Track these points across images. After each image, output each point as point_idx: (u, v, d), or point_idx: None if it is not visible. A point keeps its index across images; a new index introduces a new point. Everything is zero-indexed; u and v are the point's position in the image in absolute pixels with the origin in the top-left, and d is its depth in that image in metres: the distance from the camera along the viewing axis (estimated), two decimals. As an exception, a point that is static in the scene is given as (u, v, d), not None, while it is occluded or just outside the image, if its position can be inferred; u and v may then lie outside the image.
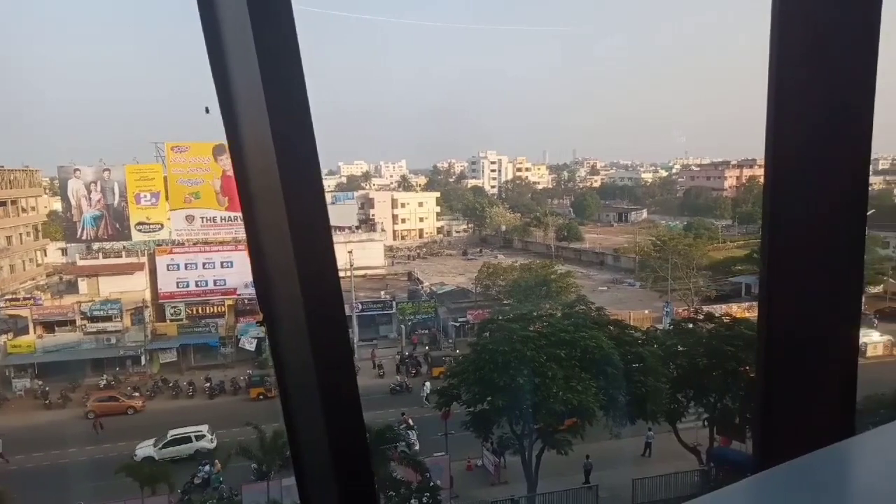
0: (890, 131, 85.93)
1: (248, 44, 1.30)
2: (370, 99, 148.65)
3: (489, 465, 25.70)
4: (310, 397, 1.40)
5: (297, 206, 1.30)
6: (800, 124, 1.55)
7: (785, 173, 1.57)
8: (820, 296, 1.57)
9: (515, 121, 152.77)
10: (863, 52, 1.54)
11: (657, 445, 25.87)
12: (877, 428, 1.28)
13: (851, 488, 1.07)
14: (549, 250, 66.49)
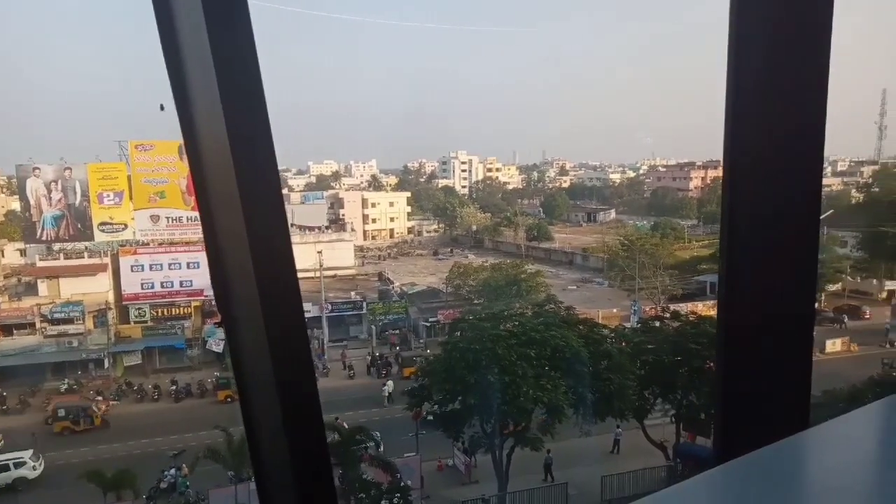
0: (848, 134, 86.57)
1: (202, 43, 1.27)
2: (341, 98, 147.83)
3: (460, 465, 25.74)
4: (269, 399, 1.38)
5: (254, 207, 1.28)
6: (756, 127, 1.58)
7: (742, 175, 1.61)
8: (776, 293, 1.61)
9: (486, 121, 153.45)
10: (816, 58, 1.58)
11: (625, 442, 26.23)
12: (829, 421, 1.31)
13: (805, 479, 1.10)
14: (519, 250, 66.90)
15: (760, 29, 1.55)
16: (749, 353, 1.62)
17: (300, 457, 1.40)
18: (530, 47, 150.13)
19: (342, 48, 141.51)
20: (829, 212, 53.54)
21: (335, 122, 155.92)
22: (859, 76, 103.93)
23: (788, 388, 1.63)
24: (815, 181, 1.57)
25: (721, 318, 1.71)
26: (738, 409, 1.68)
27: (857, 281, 47.62)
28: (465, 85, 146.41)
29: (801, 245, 1.58)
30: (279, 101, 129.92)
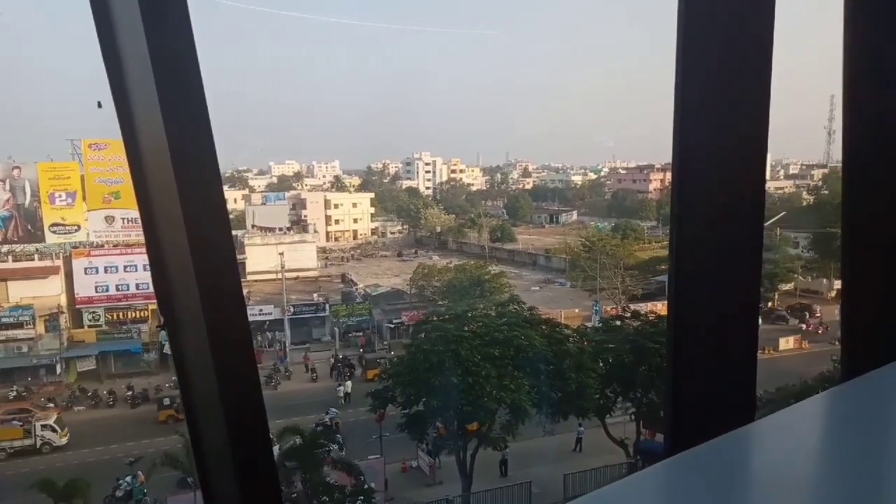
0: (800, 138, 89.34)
1: (139, 41, 1.23)
2: (303, 98, 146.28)
3: (424, 466, 25.72)
4: (212, 404, 1.34)
5: (194, 209, 1.24)
6: (702, 133, 1.62)
7: (690, 178, 1.64)
8: (722, 292, 1.64)
9: (450, 123, 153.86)
10: (759, 66, 1.63)
11: (587, 440, 26.60)
12: (772, 415, 1.35)
13: (749, 470, 1.12)
14: (483, 251, 67.19)
15: (706, 39, 1.58)
16: (698, 350, 1.65)
17: (244, 460, 1.36)
18: (493, 49, 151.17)
19: (305, 47, 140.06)
20: (782, 213, 55.30)
21: (297, 122, 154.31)
22: (811, 83, 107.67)
23: (735, 384, 1.67)
24: (758, 184, 1.60)
25: (671, 316, 1.74)
26: (687, 405, 1.70)
27: (808, 280, 49.23)
28: (429, 86, 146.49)
29: (746, 246, 1.61)
30: (241, 101, 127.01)
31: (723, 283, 1.66)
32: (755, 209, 1.64)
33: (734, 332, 1.69)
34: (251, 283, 49.60)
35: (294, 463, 21.20)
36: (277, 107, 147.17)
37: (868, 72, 2.21)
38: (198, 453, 1.44)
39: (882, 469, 1.08)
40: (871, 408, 1.38)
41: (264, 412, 1.38)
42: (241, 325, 1.34)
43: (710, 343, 1.68)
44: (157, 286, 1.41)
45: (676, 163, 1.65)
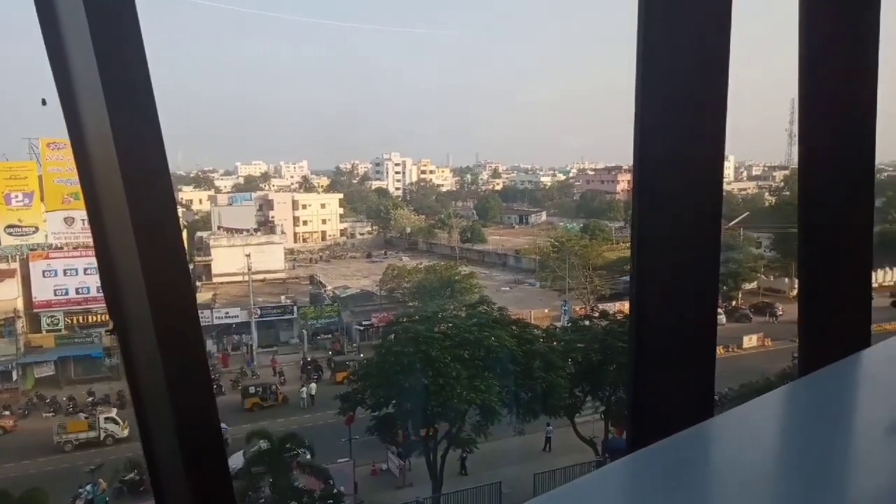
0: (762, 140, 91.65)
1: (84, 37, 1.18)
2: (271, 98, 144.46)
3: (394, 469, 25.61)
4: (162, 409, 1.29)
5: (141, 207, 1.19)
6: (661, 135, 1.63)
7: (650, 179, 1.65)
8: (682, 291, 1.65)
9: (419, 124, 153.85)
10: (716, 70, 1.65)
11: (557, 440, 26.81)
12: (730, 410, 1.37)
13: (707, 465, 1.13)
14: (453, 252, 67.28)
15: (665, 44, 1.59)
16: (658, 348, 1.66)
17: (196, 466, 1.31)
18: (462, 51, 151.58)
19: (274, 46, 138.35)
20: (745, 214, 56.65)
21: (265, 122, 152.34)
22: (774, 87, 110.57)
23: (695, 381, 1.68)
24: (716, 186, 1.62)
25: (633, 316, 1.75)
26: (649, 402, 1.71)
27: (770, 279, 50.48)
28: (399, 87, 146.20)
29: (705, 246, 1.63)
30: (207, 100, 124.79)
31: (682, 282, 1.68)
32: (713, 210, 1.66)
33: (694, 331, 1.71)
34: (217, 286, 48.80)
35: (262, 468, 20.93)
36: (245, 106, 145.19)
37: (822, 75, 2.26)
38: (149, 459, 1.39)
39: (835, 462, 1.10)
40: (827, 402, 1.40)
41: (217, 417, 1.34)
42: (192, 329, 1.30)
43: (671, 341, 1.69)
44: (106, 289, 1.35)
45: (637, 166, 1.67)
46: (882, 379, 1.58)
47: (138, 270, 1.21)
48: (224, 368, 37.20)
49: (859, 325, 2.42)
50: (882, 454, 1.13)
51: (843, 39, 2.21)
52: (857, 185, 2.36)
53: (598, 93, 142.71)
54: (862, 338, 2.43)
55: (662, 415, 1.65)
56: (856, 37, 2.24)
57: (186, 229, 56.49)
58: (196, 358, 1.29)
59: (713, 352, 1.72)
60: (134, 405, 1.41)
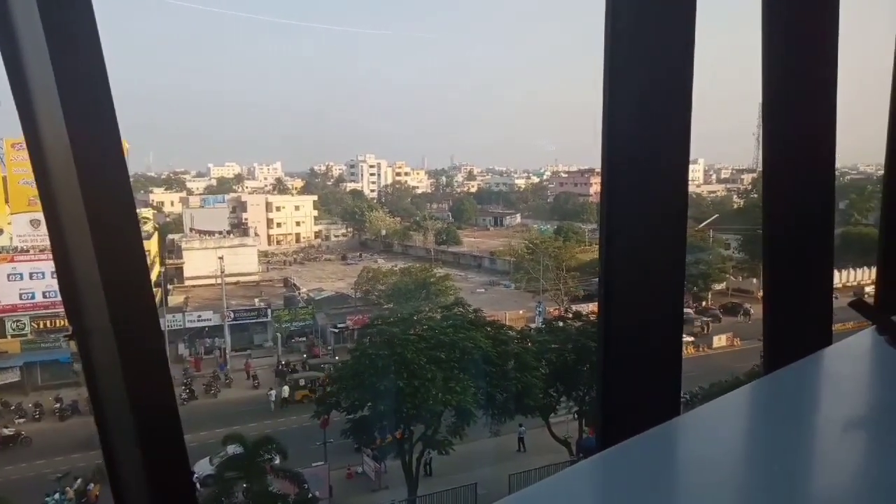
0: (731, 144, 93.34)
1: (38, 35, 1.15)
2: (244, 99, 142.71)
3: (370, 472, 25.48)
4: (123, 416, 1.26)
5: (99, 210, 1.16)
6: (629, 139, 1.66)
7: (617, 183, 1.68)
8: (649, 292, 1.68)
9: (394, 126, 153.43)
10: (681, 76, 1.68)
11: (532, 440, 26.94)
12: (696, 408, 1.39)
13: (674, 462, 1.15)
14: (428, 254, 67.23)
15: (631, 51, 1.62)
16: (626, 348, 1.68)
17: (158, 472, 1.29)
18: (438, 53, 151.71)
19: (247, 47, 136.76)
20: (714, 216, 57.60)
21: (238, 123, 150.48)
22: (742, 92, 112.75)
23: (662, 380, 1.71)
24: (681, 190, 1.65)
25: (601, 317, 1.77)
26: (617, 401, 1.73)
27: (739, 280, 51.42)
28: (374, 88, 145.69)
29: (670, 248, 1.65)
30: (179, 101, 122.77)
31: (649, 283, 1.70)
32: (679, 213, 1.69)
33: (660, 331, 1.73)
34: (189, 289, 48.06)
35: (235, 473, 20.64)
36: (218, 107, 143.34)
37: (783, 83, 2.32)
38: (110, 466, 1.36)
39: (797, 458, 1.12)
40: (789, 399, 1.43)
41: (179, 423, 1.31)
42: (152, 334, 1.27)
43: (638, 341, 1.71)
44: (64, 294, 1.32)
45: (605, 169, 1.69)
46: (842, 376, 1.62)
47: (96, 274, 1.19)
48: (196, 372, 36.64)
49: (821, 324, 2.49)
50: (841, 451, 1.16)
51: (804, 47, 2.27)
52: (818, 187, 2.43)
53: (571, 96, 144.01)
54: (824, 336, 2.50)
55: (631, 413, 1.67)
56: (816, 45, 2.31)
57: (158, 232, 55.54)
58: (157, 363, 1.27)
59: (679, 351, 1.75)
60: (94, 412, 1.38)
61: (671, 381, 1.73)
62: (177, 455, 1.34)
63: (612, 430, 1.72)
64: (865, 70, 4.82)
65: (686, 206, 1.71)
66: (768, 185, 2.43)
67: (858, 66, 9.84)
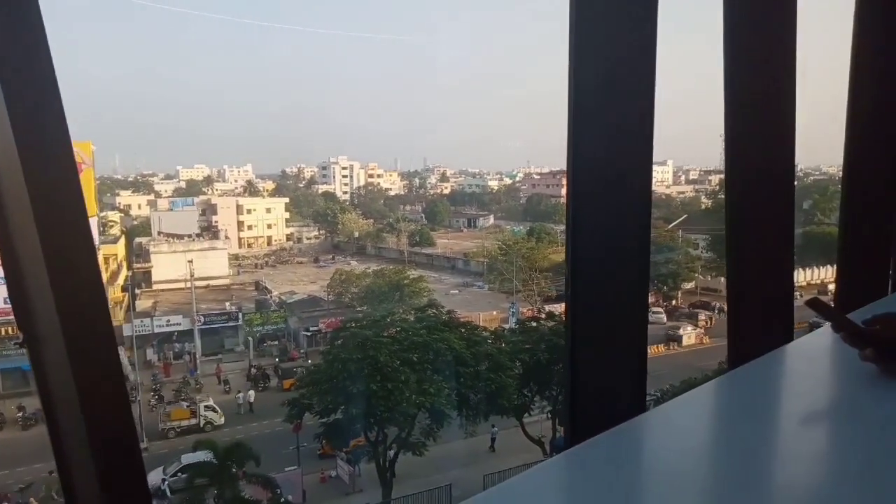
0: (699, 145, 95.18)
1: None
2: (214, 100, 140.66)
3: (344, 475, 25.32)
4: (76, 425, 1.22)
5: (47, 213, 1.12)
6: (593, 141, 1.68)
7: (583, 184, 1.69)
8: (613, 291, 1.69)
9: (367, 128, 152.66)
10: (643, 79, 1.71)
11: (507, 440, 27.04)
12: (662, 404, 1.42)
13: (640, 457, 1.16)
14: (402, 255, 67.11)
15: (595, 52, 1.64)
16: (592, 346, 1.69)
17: (111, 483, 1.25)
18: (411, 54, 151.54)
19: (216, 48, 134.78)
20: (683, 216, 58.61)
21: (207, 125, 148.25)
22: (710, 93, 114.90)
23: (628, 377, 1.73)
24: (645, 190, 1.67)
25: (568, 316, 1.78)
26: (585, 399, 1.75)
27: (707, 279, 52.40)
28: (345, 90, 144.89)
29: (635, 248, 1.68)
30: (147, 102, 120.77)
31: (615, 283, 1.72)
32: (643, 213, 1.71)
33: (627, 330, 1.75)
34: (158, 293, 47.21)
35: (205, 479, 20.34)
36: (186, 109, 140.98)
37: (744, 83, 2.38)
38: (63, 476, 1.32)
39: (758, 452, 1.15)
40: (751, 395, 1.46)
41: (134, 431, 1.28)
42: (105, 340, 1.23)
43: (605, 340, 1.73)
44: (14, 300, 1.27)
45: (570, 171, 1.70)
46: (800, 372, 1.66)
47: (45, 279, 1.15)
48: (165, 378, 36.00)
49: (783, 322, 2.55)
50: (797, 444, 1.19)
51: (763, 51, 2.33)
52: (778, 188, 2.49)
53: (543, 97, 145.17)
54: (786, 333, 2.57)
55: (598, 411, 1.69)
56: (775, 48, 2.36)
57: (125, 235, 54.47)
58: (110, 370, 1.23)
59: (645, 349, 1.78)
60: (46, 422, 1.33)
61: (637, 379, 1.76)
62: (132, 463, 1.31)
63: (580, 427, 1.74)
64: (831, 74, 4.95)
65: (650, 206, 1.73)
66: (730, 185, 2.48)
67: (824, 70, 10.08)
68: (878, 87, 3.52)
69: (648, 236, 1.81)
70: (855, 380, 1.43)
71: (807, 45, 2.65)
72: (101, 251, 39.99)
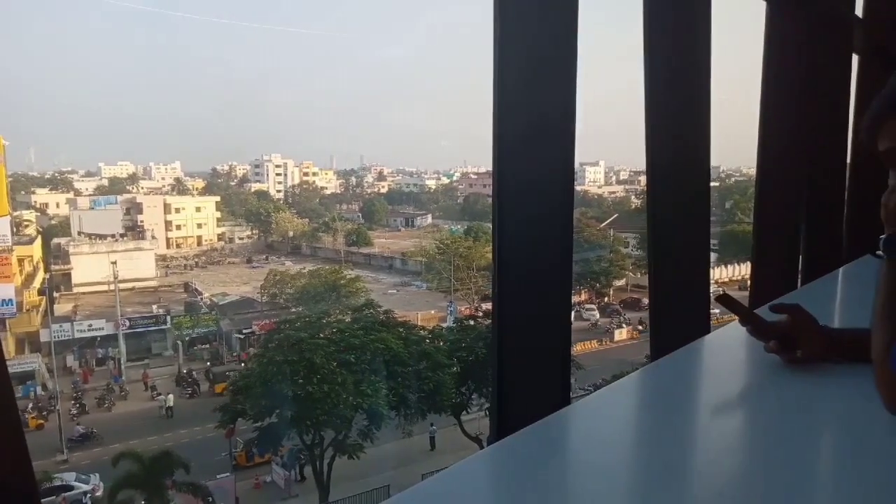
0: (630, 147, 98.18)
1: None
2: (139, 95, 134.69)
3: (279, 480, 24.81)
4: None
5: None
6: (517, 140, 1.71)
7: (507, 183, 1.72)
8: (538, 288, 1.73)
9: (301, 125, 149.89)
10: (565, 84, 1.75)
11: (444, 438, 27.17)
12: (587, 396, 1.46)
13: (564, 450, 1.19)
14: (338, 255, 66.33)
15: (518, 52, 1.67)
16: (518, 341, 1.72)
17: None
18: (345, 52, 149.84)
19: (142, 43, 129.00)
20: (615, 216, 60.50)
21: (132, 121, 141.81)
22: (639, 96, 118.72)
23: (552, 370, 1.76)
24: (566, 191, 1.72)
25: (495, 312, 1.80)
26: (511, 393, 1.78)
27: (638, 276, 54.28)
28: (278, 88, 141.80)
29: (558, 245, 1.72)
30: (65, 96, 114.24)
31: (539, 279, 1.75)
32: (565, 212, 1.75)
33: (551, 325, 1.79)
34: (78, 296, 44.89)
35: (131, 492, 19.50)
36: (108, 105, 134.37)
37: (663, 84, 2.48)
38: None
39: (674, 444, 1.19)
40: (666, 386, 1.52)
41: (23, 441, 1.20)
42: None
43: (530, 335, 1.76)
44: None
45: (496, 171, 1.73)
46: (710, 365, 1.75)
47: None
48: (85, 385, 34.27)
49: (700, 315, 2.68)
50: (710, 431, 1.25)
51: (680, 61, 2.44)
52: (694, 188, 2.62)
53: (479, 95, 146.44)
54: (703, 326, 2.70)
55: (524, 405, 1.72)
56: (691, 59, 2.49)
57: (41, 235, 51.48)
58: None
59: (568, 343, 1.82)
60: None
61: (561, 373, 1.80)
62: (21, 476, 1.23)
63: (506, 421, 1.77)
64: (754, 82, 5.26)
65: (572, 204, 1.78)
66: (651, 186, 2.59)
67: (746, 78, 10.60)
68: (786, 96, 3.75)
69: (571, 233, 1.86)
70: (761, 370, 1.52)
71: (736, 57, 2.80)
72: (15, 252, 37.62)
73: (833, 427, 1.28)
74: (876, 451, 1.10)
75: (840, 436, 1.26)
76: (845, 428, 1.27)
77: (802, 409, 1.30)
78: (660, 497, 0.97)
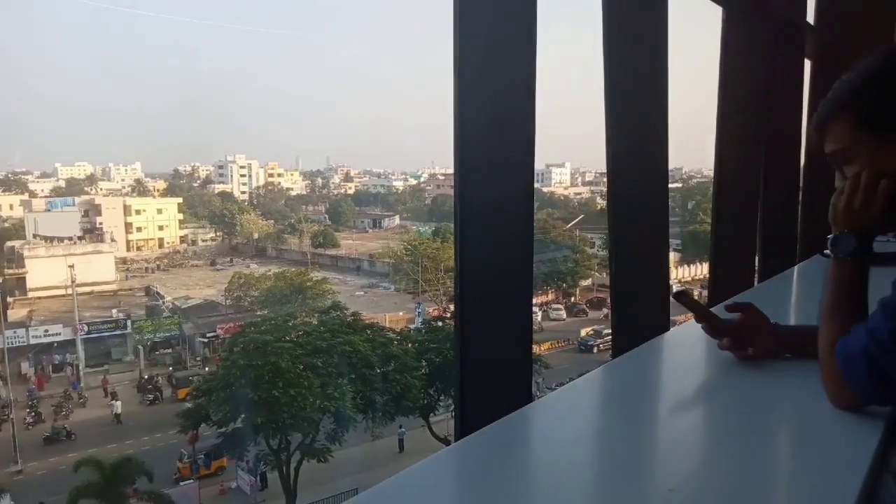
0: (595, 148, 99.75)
1: None
2: (97, 94, 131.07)
3: (245, 486, 24.43)
4: None
5: None
6: (478, 142, 1.72)
7: (469, 184, 1.73)
8: (499, 287, 1.75)
9: (266, 126, 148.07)
10: (524, 84, 1.77)
11: (415, 440, 27.09)
12: (549, 394, 1.47)
13: (526, 447, 1.20)
14: (305, 257, 65.67)
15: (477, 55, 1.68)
16: (480, 340, 1.73)
17: None
18: (310, 52, 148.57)
19: (99, 40, 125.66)
20: (581, 217, 61.27)
21: (90, 121, 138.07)
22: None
23: (515, 369, 1.78)
24: (527, 192, 1.74)
25: (457, 311, 1.81)
26: (473, 392, 1.78)
27: (603, 276, 55.06)
28: (244, 87, 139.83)
29: (519, 245, 1.73)
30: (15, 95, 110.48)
31: (500, 278, 1.77)
32: (525, 212, 1.77)
33: (512, 324, 1.80)
34: (34, 301, 43.52)
35: (92, 502, 18.98)
36: (66, 104, 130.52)
37: (622, 86, 2.53)
38: None
39: (628, 435, 1.21)
40: (626, 383, 1.55)
41: None
42: None
43: (491, 333, 1.77)
44: None
45: (458, 172, 1.73)
46: (673, 360, 1.78)
47: None
48: (41, 392, 33.17)
49: (660, 313, 2.74)
50: (668, 426, 1.28)
51: (638, 62, 2.49)
52: (653, 189, 2.67)
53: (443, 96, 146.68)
54: (662, 323, 2.76)
55: (486, 403, 1.73)
56: (649, 60, 2.54)
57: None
58: None
59: (530, 342, 1.83)
60: None
61: (523, 372, 1.82)
62: None
63: (468, 420, 1.78)
64: (714, 85, 5.43)
65: (532, 204, 1.80)
66: (612, 187, 2.63)
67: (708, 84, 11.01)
68: (742, 99, 3.86)
69: (532, 233, 1.88)
70: (716, 367, 1.55)
71: (702, 62, 2.88)
72: (-34, 256, 36.27)
73: (781, 421, 1.32)
74: (822, 442, 1.14)
75: (788, 429, 1.31)
76: (793, 421, 1.31)
77: (752, 404, 1.34)
78: (618, 493, 0.98)
